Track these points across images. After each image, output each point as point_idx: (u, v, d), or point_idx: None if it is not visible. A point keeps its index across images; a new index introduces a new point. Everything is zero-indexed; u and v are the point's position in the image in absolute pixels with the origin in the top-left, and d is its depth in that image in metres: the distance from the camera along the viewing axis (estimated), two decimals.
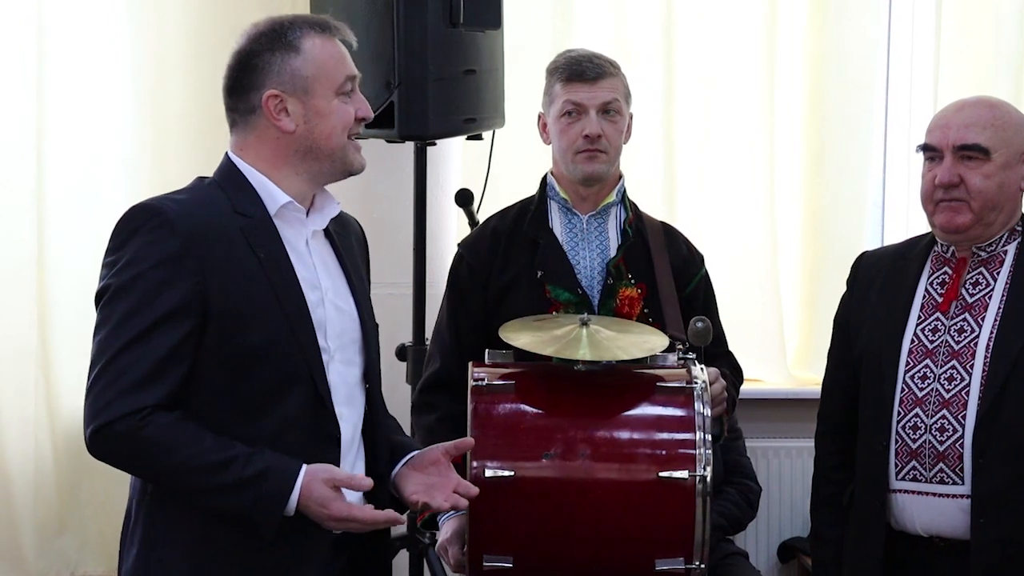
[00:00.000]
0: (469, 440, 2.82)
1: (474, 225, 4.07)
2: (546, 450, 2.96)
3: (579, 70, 3.37)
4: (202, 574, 2.58)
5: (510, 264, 3.42)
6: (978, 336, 3.12)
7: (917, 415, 3.13)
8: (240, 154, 2.68)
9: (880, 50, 5.01)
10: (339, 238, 2.77)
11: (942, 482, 3.10)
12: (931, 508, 3.12)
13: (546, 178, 3.49)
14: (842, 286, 3.41)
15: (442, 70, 4.01)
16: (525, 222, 3.44)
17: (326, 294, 2.68)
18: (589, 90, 3.37)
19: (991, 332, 3.11)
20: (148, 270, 2.52)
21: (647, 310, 3.36)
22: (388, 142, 4.20)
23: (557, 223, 3.44)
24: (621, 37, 4.85)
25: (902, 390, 3.15)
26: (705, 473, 2.93)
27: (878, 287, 3.28)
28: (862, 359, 3.25)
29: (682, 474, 2.93)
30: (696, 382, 3.02)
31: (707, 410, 3.00)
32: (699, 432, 2.97)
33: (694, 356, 3.11)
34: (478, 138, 4.32)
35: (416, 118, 4.02)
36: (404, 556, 4.29)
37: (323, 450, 2.61)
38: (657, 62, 4.87)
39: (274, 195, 2.65)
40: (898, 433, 3.14)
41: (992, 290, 3.15)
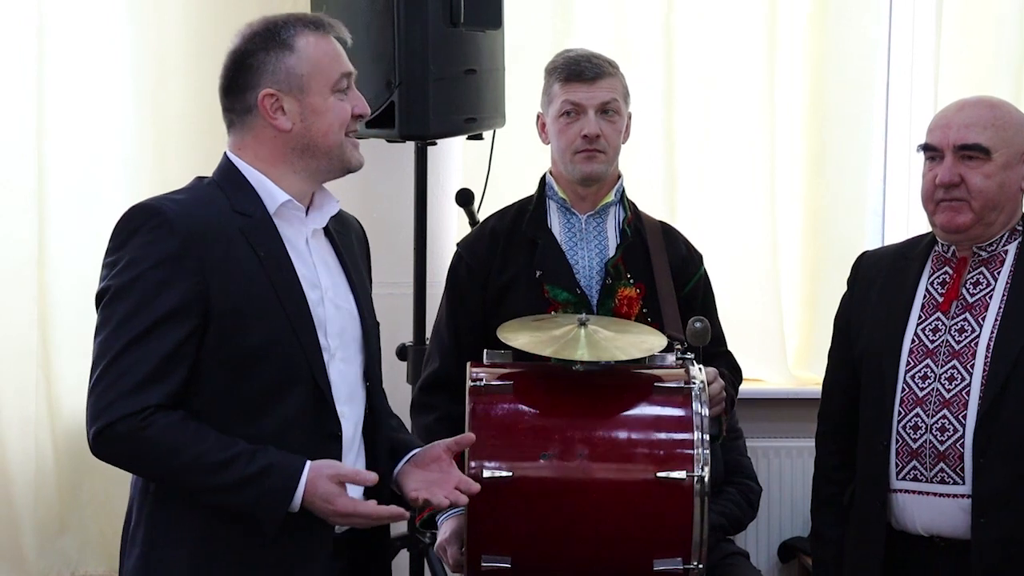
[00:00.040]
0: (470, 436, 2.81)
1: (475, 225, 4.07)
2: (544, 450, 2.96)
3: (577, 70, 3.37)
4: (204, 574, 2.58)
5: (509, 264, 3.41)
6: (979, 336, 3.11)
7: (918, 415, 3.13)
8: (238, 154, 2.68)
9: (880, 50, 5.01)
10: (339, 236, 2.77)
11: (943, 482, 3.10)
12: (932, 508, 3.12)
13: (545, 178, 3.48)
14: (842, 286, 3.40)
15: (443, 70, 4.01)
16: (524, 222, 3.44)
17: (326, 293, 2.68)
18: (588, 90, 3.36)
19: (992, 332, 3.11)
20: (148, 270, 2.52)
21: (646, 310, 3.36)
22: (389, 142, 4.20)
23: (556, 223, 3.43)
24: (621, 37, 4.85)
25: (903, 390, 3.15)
26: (703, 473, 2.93)
27: (879, 287, 3.27)
28: (863, 359, 3.24)
29: (680, 474, 2.93)
30: (694, 382, 3.02)
31: (705, 410, 2.99)
32: (697, 432, 2.97)
33: (692, 356, 3.11)
34: (478, 138, 4.32)
35: (417, 118, 4.02)
36: (404, 556, 4.29)
37: (325, 449, 2.61)
38: (657, 62, 4.87)
39: (273, 194, 2.65)
40: (899, 433, 3.14)
41: (993, 290, 3.15)
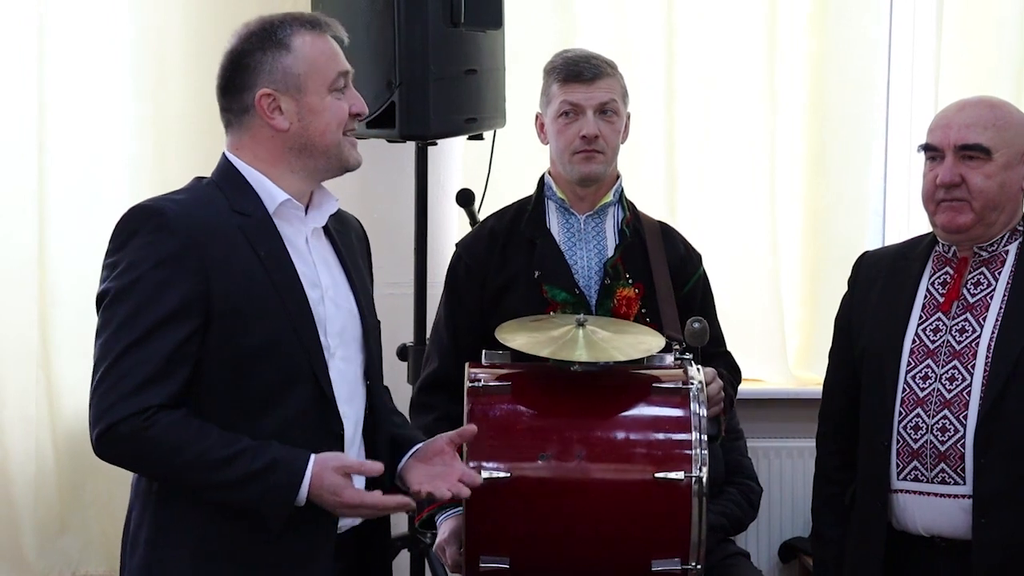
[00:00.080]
0: (471, 427, 2.81)
1: (475, 225, 4.07)
2: (542, 451, 2.96)
3: (576, 71, 3.37)
4: (207, 574, 2.58)
5: (507, 264, 3.41)
6: (979, 336, 3.11)
7: (918, 415, 3.13)
8: (236, 154, 2.68)
9: (881, 50, 5.00)
10: (339, 235, 2.77)
11: (943, 482, 3.10)
12: (932, 508, 3.12)
13: (543, 178, 3.48)
14: (843, 286, 3.40)
15: (443, 70, 4.01)
16: (522, 222, 3.44)
17: (326, 292, 2.68)
18: (586, 90, 3.36)
19: (992, 332, 3.11)
20: (148, 271, 2.52)
21: (645, 310, 3.36)
22: (389, 142, 4.20)
23: (554, 223, 3.43)
24: (622, 37, 4.85)
25: (903, 390, 3.15)
26: (701, 474, 2.93)
27: (879, 287, 3.27)
28: (863, 359, 3.24)
29: (678, 475, 2.93)
30: (692, 382, 3.02)
31: (703, 410, 2.99)
32: (695, 432, 2.97)
33: (691, 356, 3.11)
34: (479, 138, 4.32)
35: (417, 118, 4.02)
36: (405, 556, 4.29)
37: (327, 447, 2.60)
38: (658, 62, 4.87)
39: (272, 193, 2.65)
40: (899, 433, 3.14)
41: (993, 290, 3.15)
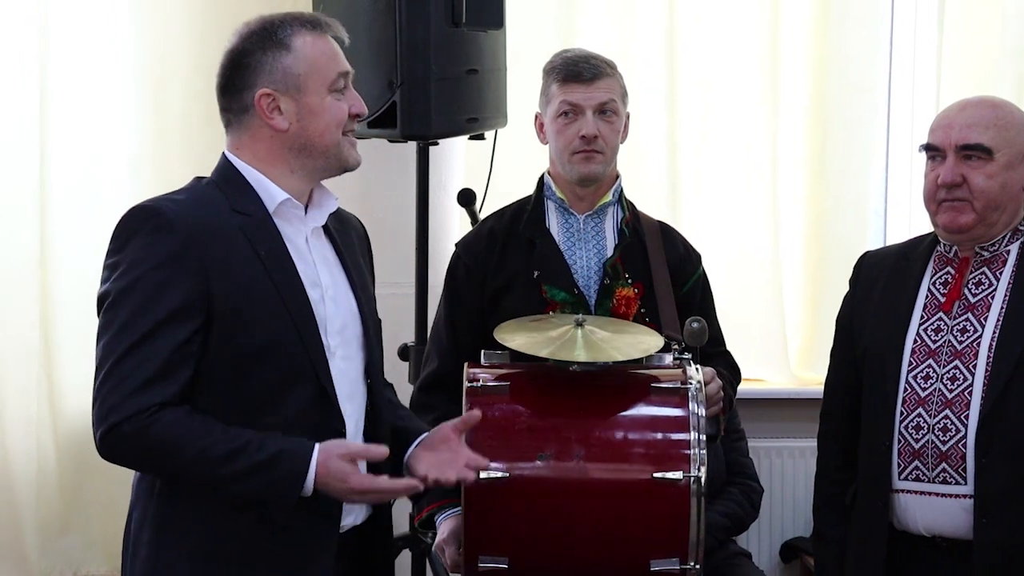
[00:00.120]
0: (476, 413, 2.80)
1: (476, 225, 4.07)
2: (541, 451, 2.96)
3: (575, 71, 3.37)
4: (208, 574, 2.58)
5: (507, 264, 3.41)
6: (981, 336, 3.11)
7: (920, 415, 3.13)
8: (236, 153, 2.68)
9: (882, 52, 5.00)
10: (339, 234, 2.77)
11: (945, 482, 3.10)
12: (934, 508, 3.12)
13: (543, 178, 3.48)
14: (844, 286, 3.40)
15: (444, 70, 4.01)
16: (522, 222, 3.44)
17: (327, 291, 2.68)
18: (585, 91, 3.36)
19: (994, 332, 3.11)
20: (148, 271, 2.52)
21: (644, 310, 3.36)
22: (390, 142, 4.20)
23: (554, 223, 3.43)
24: (623, 38, 4.85)
25: (905, 390, 3.15)
26: (699, 473, 2.93)
27: (881, 287, 3.27)
28: (865, 359, 3.24)
29: (676, 474, 2.93)
30: (691, 382, 3.02)
31: (702, 410, 2.99)
32: (694, 432, 2.97)
33: (690, 356, 3.11)
34: (480, 138, 4.32)
35: (418, 118, 4.02)
36: (406, 556, 4.29)
37: None
38: (660, 63, 4.86)
39: (272, 193, 2.65)
40: (901, 433, 3.14)
41: (995, 290, 3.15)
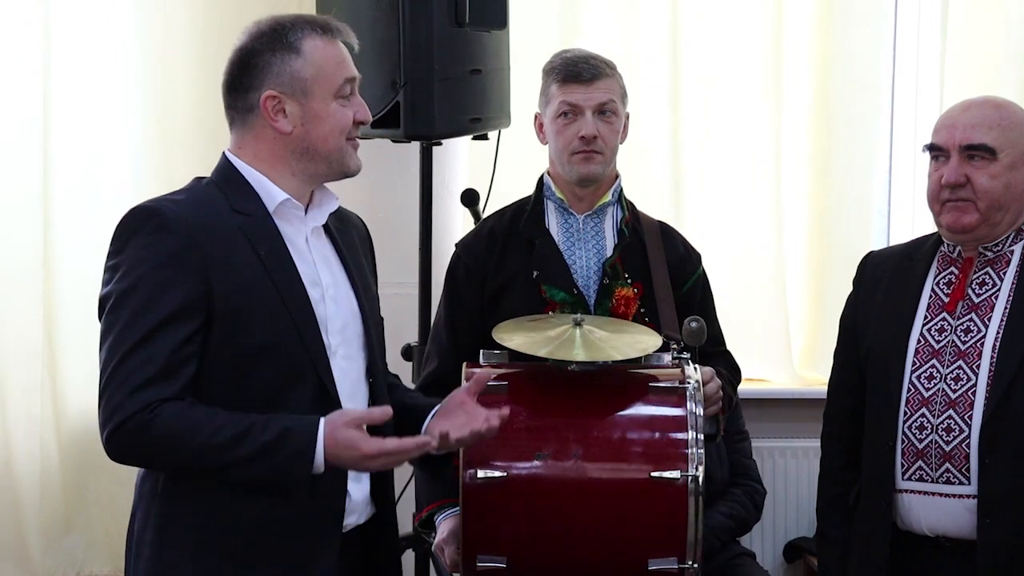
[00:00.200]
0: (485, 374, 2.78)
1: None
2: (539, 450, 2.97)
3: (575, 71, 3.37)
4: (213, 572, 2.58)
5: (506, 264, 3.42)
6: (984, 336, 3.11)
7: (923, 415, 3.13)
8: (238, 153, 2.68)
9: (886, 50, 5.00)
10: (339, 233, 2.77)
11: (948, 482, 3.10)
12: (937, 508, 3.12)
13: (543, 178, 3.49)
14: (848, 286, 3.40)
15: (448, 70, 4.01)
16: (521, 222, 3.45)
17: (327, 290, 2.68)
18: (585, 91, 3.36)
19: (997, 332, 3.11)
20: (149, 272, 2.52)
21: (643, 309, 3.36)
22: (394, 142, 4.20)
23: (553, 223, 3.44)
24: (626, 37, 4.85)
25: (908, 390, 3.15)
26: (697, 473, 2.93)
27: (884, 287, 3.27)
28: (868, 359, 3.24)
29: (674, 474, 2.94)
30: (689, 381, 3.03)
31: (700, 409, 3.00)
32: (692, 432, 2.98)
33: (688, 356, 3.11)
34: (484, 138, 4.32)
35: (422, 118, 4.02)
36: (408, 556, 4.29)
37: None
38: (662, 62, 4.86)
39: (272, 193, 2.65)
40: (904, 433, 3.14)
41: (998, 290, 3.15)
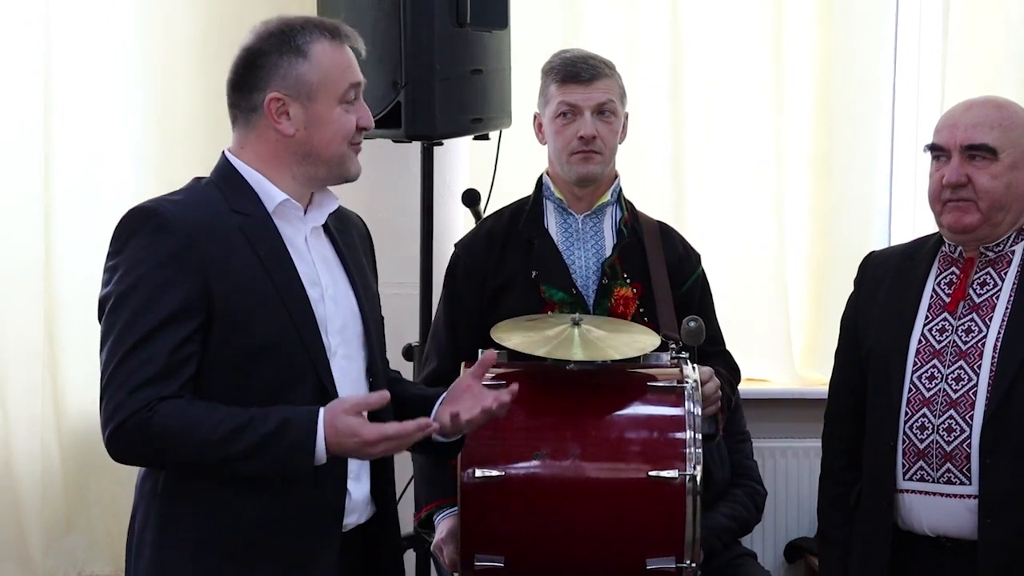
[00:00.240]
0: (491, 353, 2.78)
1: None
2: (537, 450, 2.97)
3: (574, 71, 3.37)
4: (213, 572, 2.58)
5: (505, 264, 3.42)
6: (985, 336, 3.11)
7: (924, 415, 3.13)
8: (239, 152, 2.68)
9: (887, 49, 4.99)
10: (339, 233, 2.77)
11: (949, 482, 3.10)
12: (938, 508, 3.12)
13: (542, 178, 3.49)
14: (849, 286, 3.40)
15: (449, 70, 4.01)
16: (520, 222, 3.45)
17: (326, 290, 2.68)
18: (584, 91, 3.37)
19: (998, 332, 3.10)
20: (148, 272, 2.52)
21: (642, 309, 3.36)
22: (395, 142, 4.20)
23: (552, 223, 3.44)
24: (627, 37, 4.85)
25: (909, 390, 3.15)
26: (695, 472, 2.94)
27: (885, 287, 3.27)
28: (869, 359, 3.24)
29: (672, 473, 2.94)
30: (687, 381, 3.03)
31: (698, 409, 3.00)
32: (689, 431, 2.98)
33: (687, 355, 3.11)
34: (485, 138, 4.32)
35: (423, 118, 4.02)
36: (410, 557, 4.29)
37: None
38: (663, 61, 4.86)
39: (271, 193, 2.65)
40: (905, 433, 3.14)
41: (999, 290, 3.15)
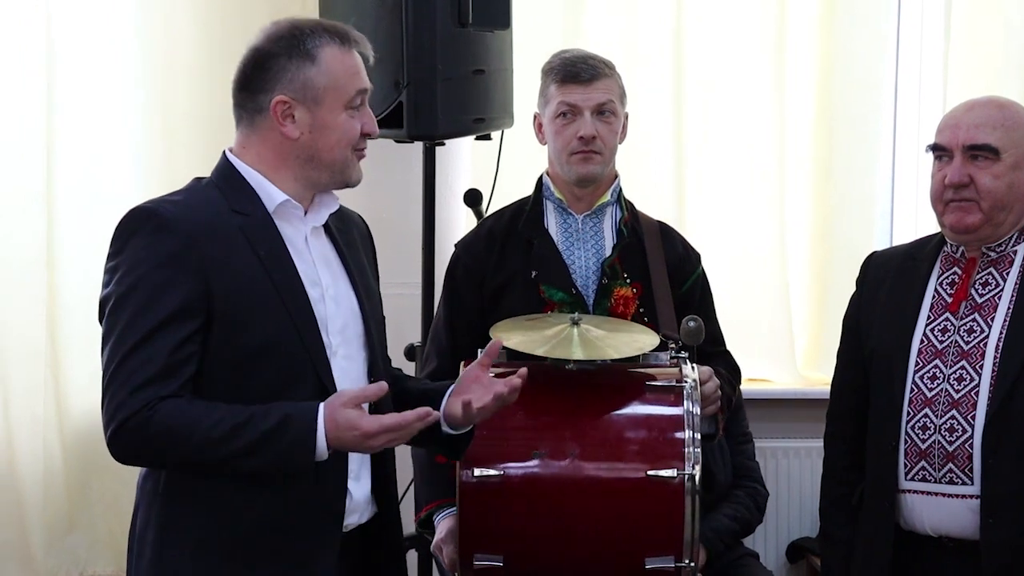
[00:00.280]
0: (498, 341, 2.78)
1: None
2: (536, 449, 2.98)
3: (574, 71, 3.38)
4: (214, 572, 2.58)
5: (505, 264, 3.43)
6: (987, 336, 3.11)
7: (926, 415, 3.13)
8: (240, 152, 2.67)
9: (889, 50, 5.00)
10: (340, 233, 2.76)
11: (951, 482, 3.10)
12: (940, 508, 3.12)
13: (542, 178, 3.50)
14: (851, 286, 3.40)
15: (451, 70, 4.00)
16: (520, 222, 3.45)
17: (327, 290, 2.68)
18: (584, 91, 3.37)
19: (1000, 332, 3.10)
20: (148, 272, 2.52)
21: (642, 309, 3.37)
22: (397, 142, 4.20)
23: (552, 223, 3.44)
24: (629, 37, 4.85)
25: (911, 390, 3.15)
26: (694, 472, 2.94)
27: (887, 287, 3.27)
28: (871, 359, 3.24)
29: (670, 473, 2.94)
30: (686, 380, 3.03)
31: (697, 408, 3.00)
32: (688, 431, 2.98)
33: (686, 355, 3.11)
34: (487, 138, 4.32)
35: (425, 118, 4.01)
36: (412, 557, 4.28)
37: None
38: (666, 62, 4.87)
39: (271, 194, 2.65)
40: (907, 433, 3.14)
41: (1001, 290, 3.15)
